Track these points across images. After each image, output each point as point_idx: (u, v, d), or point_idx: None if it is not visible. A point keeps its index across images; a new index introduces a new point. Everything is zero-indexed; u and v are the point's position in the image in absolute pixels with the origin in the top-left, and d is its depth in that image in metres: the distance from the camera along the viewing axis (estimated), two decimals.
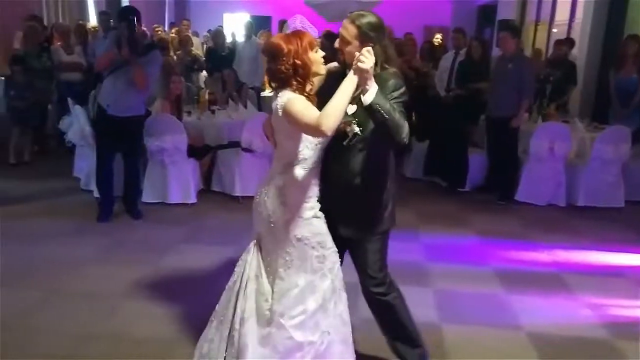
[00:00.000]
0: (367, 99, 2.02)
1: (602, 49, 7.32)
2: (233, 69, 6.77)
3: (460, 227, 4.74)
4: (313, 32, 2.13)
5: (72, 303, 3.20)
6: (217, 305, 2.44)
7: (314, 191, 2.26)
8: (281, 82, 2.16)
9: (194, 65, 7.67)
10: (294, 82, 2.14)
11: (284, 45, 2.12)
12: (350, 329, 2.38)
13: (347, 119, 2.13)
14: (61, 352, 2.72)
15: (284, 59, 2.11)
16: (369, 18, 2.19)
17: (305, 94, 2.16)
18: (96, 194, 4.78)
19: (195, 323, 3.03)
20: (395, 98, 2.15)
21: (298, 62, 2.11)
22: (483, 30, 10.61)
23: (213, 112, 5.74)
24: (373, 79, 2.03)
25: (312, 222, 2.26)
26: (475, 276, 3.78)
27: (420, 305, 2.96)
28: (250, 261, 2.35)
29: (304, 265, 2.26)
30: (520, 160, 5.50)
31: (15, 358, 2.64)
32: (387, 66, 2.23)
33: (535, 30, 9.99)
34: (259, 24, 9.88)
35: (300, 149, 2.19)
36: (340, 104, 2.01)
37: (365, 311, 2.50)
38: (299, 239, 2.25)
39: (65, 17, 9.29)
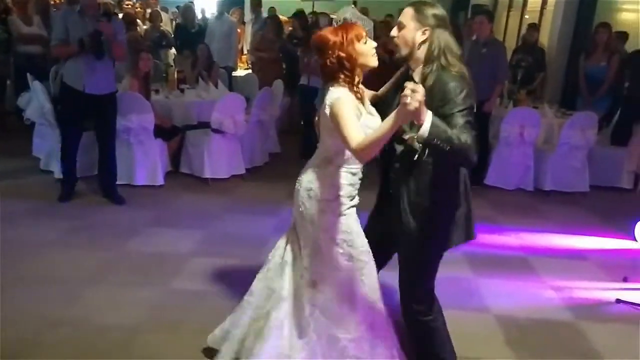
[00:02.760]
0: (421, 135, 1.80)
1: (572, 36, 7.41)
2: (206, 44, 6.53)
3: None
4: (366, 24, 2.16)
5: (34, 288, 3.09)
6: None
7: (347, 191, 2.20)
8: (329, 76, 2.13)
9: (162, 41, 7.42)
10: (341, 76, 2.10)
11: (329, 37, 2.10)
12: (392, 330, 2.38)
13: (411, 134, 1.94)
14: (23, 337, 2.62)
15: (330, 52, 2.08)
16: (433, 7, 2.07)
17: (355, 90, 2.11)
18: (57, 175, 4.61)
19: (160, 310, 2.96)
20: (458, 105, 1.91)
21: (342, 54, 2.07)
22: (457, 14, 10.63)
23: (182, 91, 5.57)
24: (425, 111, 1.77)
25: (339, 219, 2.20)
26: (443, 259, 3.74)
27: (389, 287, 2.95)
28: (284, 245, 2.36)
29: (328, 260, 2.24)
30: (490, 145, 5.56)
31: None
32: (447, 63, 2.03)
33: (508, 16, 10.06)
34: (231, 1, 9.62)
35: (341, 149, 2.12)
36: (381, 137, 1.88)
37: None
38: (324, 233, 2.22)
39: None
